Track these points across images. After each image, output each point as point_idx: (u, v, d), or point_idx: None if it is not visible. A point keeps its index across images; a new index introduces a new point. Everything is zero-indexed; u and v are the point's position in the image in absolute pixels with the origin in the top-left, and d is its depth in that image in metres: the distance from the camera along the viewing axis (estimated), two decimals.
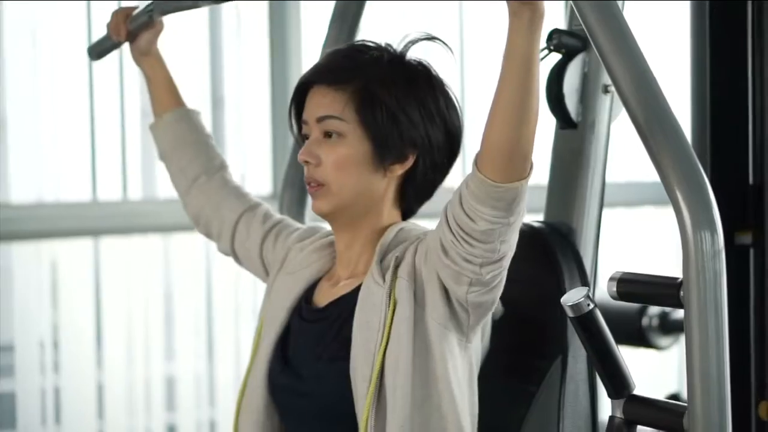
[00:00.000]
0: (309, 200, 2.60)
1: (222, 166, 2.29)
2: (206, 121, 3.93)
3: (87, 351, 3.84)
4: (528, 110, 1.72)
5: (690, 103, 2.48)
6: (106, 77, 3.82)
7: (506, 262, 1.87)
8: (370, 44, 2.00)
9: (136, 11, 2.33)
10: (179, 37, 3.95)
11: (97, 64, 3.77)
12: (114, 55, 3.76)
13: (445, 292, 1.88)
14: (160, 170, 3.93)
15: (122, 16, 2.34)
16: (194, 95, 3.96)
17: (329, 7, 2.70)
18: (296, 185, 2.67)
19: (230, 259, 4.04)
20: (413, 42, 2.01)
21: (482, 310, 1.90)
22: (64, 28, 3.77)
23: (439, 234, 1.85)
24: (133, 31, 2.34)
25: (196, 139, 2.30)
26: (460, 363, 1.91)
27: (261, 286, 3.82)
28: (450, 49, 2.05)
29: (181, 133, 2.30)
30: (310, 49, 4.02)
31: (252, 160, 4.11)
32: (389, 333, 1.88)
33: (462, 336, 1.91)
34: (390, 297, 1.89)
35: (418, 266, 1.90)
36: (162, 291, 3.98)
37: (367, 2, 2.64)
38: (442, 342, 1.88)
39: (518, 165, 1.76)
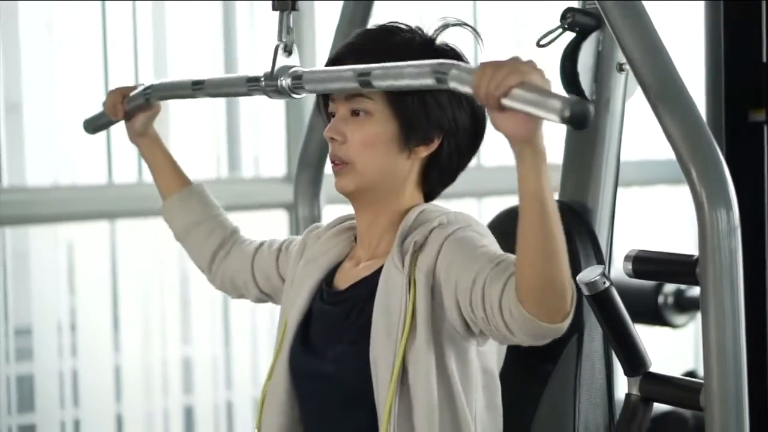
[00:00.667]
0: (324, 181, 2.62)
1: (233, 233, 2.31)
2: (220, 103, 3.98)
3: (104, 334, 3.85)
4: (551, 245, 1.68)
5: (704, 86, 2.49)
6: (121, 60, 3.83)
7: None
8: (402, 26, 1.99)
9: (134, 93, 2.32)
10: (193, 19, 3.96)
11: (111, 46, 3.79)
12: (129, 36, 3.81)
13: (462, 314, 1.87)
14: (174, 152, 3.94)
15: (118, 96, 2.34)
16: (208, 77, 3.98)
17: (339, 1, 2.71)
18: (311, 166, 2.68)
19: None
20: (444, 27, 2.00)
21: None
22: (79, 11, 3.77)
23: (470, 292, 1.81)
24: (129, 111, 2.33)
25: (207, 215, 2.31)
26: (474, 361, 1.91)
27: None
28: (480, 37, 2.05)
29: (191, 213, 2.31)
30: (323, 31, 4.01)
31: (266, 142, 4.12)
32: (411, 321, 1.87)
33: (472, 341, 1.90)
34: (410, 284, 1.88)
35: (438, 270, 1.88)
36: (178, 273, 3.98)
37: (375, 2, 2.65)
38: (456, 341, 1.88)
39: (557, 302, 1.71)
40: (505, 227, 2.09)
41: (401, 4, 4.10)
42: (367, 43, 1.98)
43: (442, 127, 1.95)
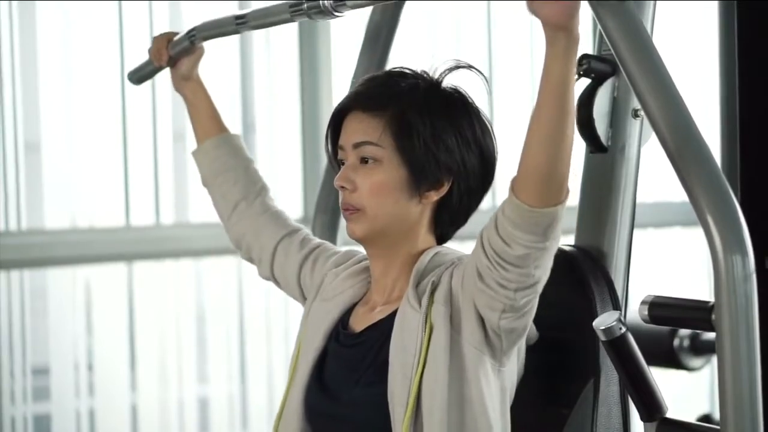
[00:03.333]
0: (341, 224, 2.62)
1: (262, 190, 2.30)
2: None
3: (121, 373, 3.87)
4: (564, 133, 1.74)
5: (719, 111, 2.49)
6: (139, 102, 3.86)
7: (540, 287, 1.87)
8: (407, 71, 2.01)
9: (177, 36, 2.34)
10: (210, 62, 3.98)
11: (129, 88, 3.82)
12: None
13: (481, 317, 1.90)
14: (193, 195, 3.97)
15: (163, 41, 2.36)
16: (225, 120, 4.00)
17: (359, 33, 2.72)
18: (328, 210, 2.68)
19: (261, 283, 4.06)
20: (450, 70, 2.02)
21: (514, 336, 1.91)
22: (98, 56, 3.80)
23: (475, 259, 1.86)
24: (174, 56, 2.36)
25: (237, 164, 2.31)
26: (494, 388, 1.92)
27: (292, 309, 3.83)
28: (485, 78, 2.06)
29: (222, 159, 2.31)
30: (340, 72, 4.04)
31: (283, 184, 4.13)
32: (425, 358, 1.88)
33: (495, 361, 1.92)
34: (426, 322, 1.90)
35: (454, 290, 1.91)
36: (194, 314, 4.00)
37: (402, 11, 2.66)
38: (478, 367, 1.89)
39: (554, 189, 1.77)
40: None
41: (422, 26, 4.13)
42: (372, 91, 2.00)
43: (451, 170, 1.96)
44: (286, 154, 4.12)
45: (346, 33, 4.02)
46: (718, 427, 1.79)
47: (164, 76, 3.72)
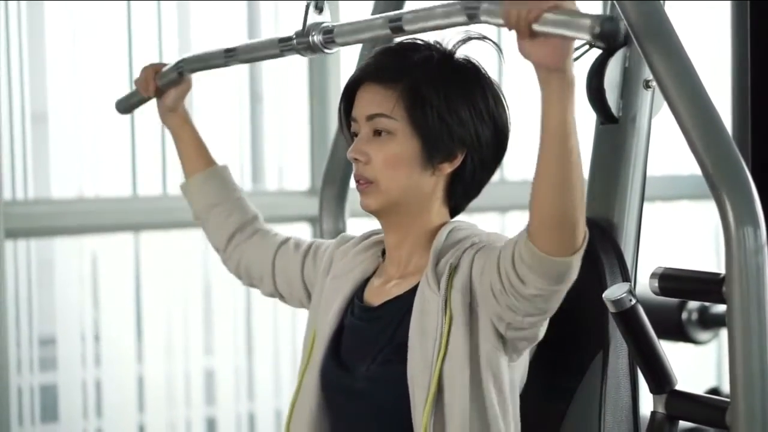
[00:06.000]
0: (348, 196, 2.63)
1: (254, 218, 2.32)
2: (245, 116, 4.00)
3: (127, 344, 3.87)
4: (570, 181, 1.70)
5: (731, 81, 2.48)
6: None
7: (550, 314, 1.88)
8: (420, 42, 2.00)
9: (166, 68, 2.34)
10: (219, 31, 3.97)
11: (137, 57, 3.81)
12: (154, 48, 3.83)
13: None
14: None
15: (151, 72, 2.36)
16: (233, 90, 4.00)
17: (368, 3, 2.71)
18: (336, 181, 2.68)
19: None
20: (463, 41, 2.00)
21: (523, 344, 1.92)
22: (105, 24, 3.79)
23: (490, 276, 1.85)
24: (161, 87, 2.35)
25: (228, 197, 2.32)
26: (507, 379, 1.92)
27: None
28: (500, 48, 2.05)
29: (213, 193, 2.32)
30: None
31: (290, 156, 4.12)
32: (447, 343, 1.88)
33: (507, 356, 1.92)
34: (446, 307, 1.89)
35: (474, 281, 1.90)
36: (201, 285, 4.00)
37: (407, 2, 2.65)
38: (492, 358, 1.89)
39: (568, 236, 1.74)
40: None
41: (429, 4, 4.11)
42: (385, 63, 1.99)
43: (464, 143, 1.96)
44: (293, 125, 4.11)
45: (356, 2, 4.01)
46: (728, 400, 1.79)
47: (172, 42, 3.72)
